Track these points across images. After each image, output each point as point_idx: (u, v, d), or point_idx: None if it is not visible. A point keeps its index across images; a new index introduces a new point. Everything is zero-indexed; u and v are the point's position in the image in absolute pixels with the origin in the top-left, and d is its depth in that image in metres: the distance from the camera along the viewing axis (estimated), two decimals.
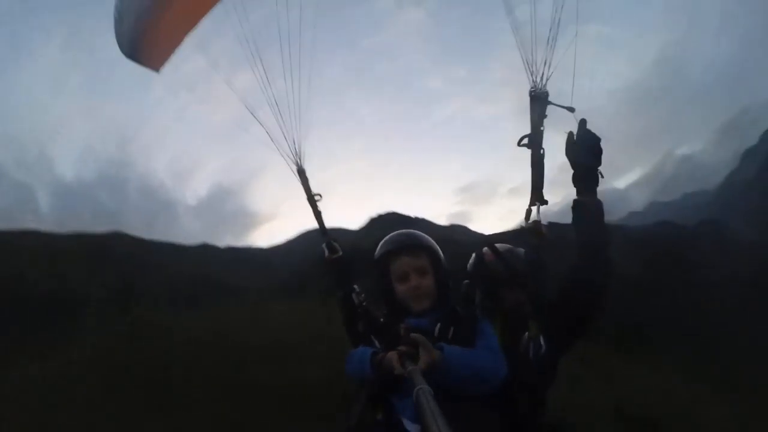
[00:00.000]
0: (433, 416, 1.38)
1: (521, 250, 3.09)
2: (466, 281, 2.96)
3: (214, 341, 12.40)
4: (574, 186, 2.86)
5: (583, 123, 2.83)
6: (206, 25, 3.97)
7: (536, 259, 2.94)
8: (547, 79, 2.90)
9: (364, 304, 3.04)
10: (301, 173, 3.47)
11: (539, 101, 2.89)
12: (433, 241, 2.93)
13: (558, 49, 2.86)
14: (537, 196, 2.87)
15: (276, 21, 3.43)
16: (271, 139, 3.44)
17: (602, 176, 2.82)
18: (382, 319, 2.83)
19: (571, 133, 2.86)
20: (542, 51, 2.88)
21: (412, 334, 2.24)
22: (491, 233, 3.16)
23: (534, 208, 2.89)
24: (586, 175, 2.83)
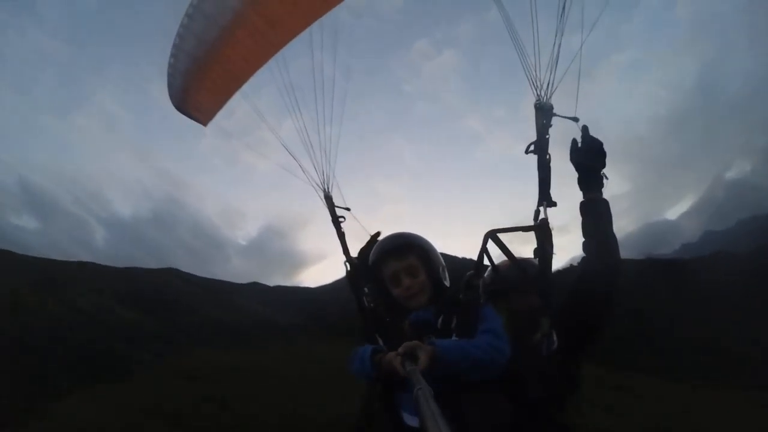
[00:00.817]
0: (433, 417, 1.39)
1: (532, 260, 3.18)
2: (470, 272, 3.02)
3: (264, 378, 12.53)
4: (580, 189, 3.00)
5: (585, 129, 3.02)
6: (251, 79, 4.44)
7: (547, 261, 3.03)
8: (552, 93, 3.14)
9: (371, 305, 3.12)
10: (328, 199, 3.94)
11: (543, 112, 3.12)
12: (420, 239, 3.04)
13: (561, 65, 3.13)
14: (545, 197, 3.05)
15: (307, 75, 4.02)
16: (303, 171, 4.00)
17: (606, 178, 2.99)
18: (387, 319, 2.91)
19: (575, 140, 3.04)
20: (546, 67, 3.14)
21: (405, 343, 2.26)
22: (498, 227, 3.16)
23: (542, 209, 3.06)
24: (591, 177, 2.98)
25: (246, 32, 4.13)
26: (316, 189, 4.03)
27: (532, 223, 3.12)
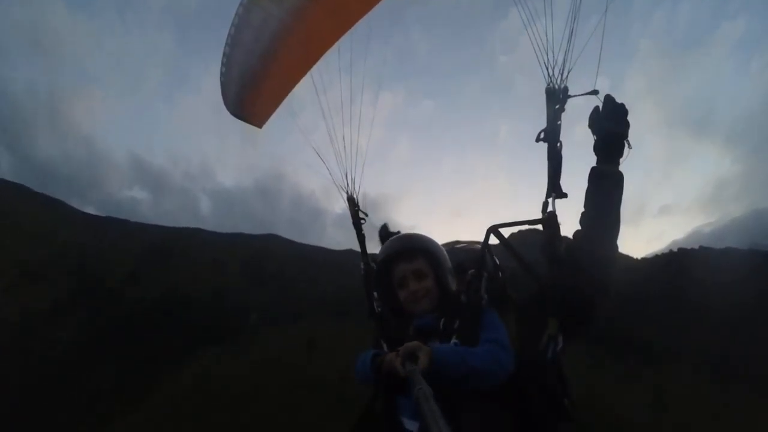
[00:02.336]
0: (433, 417, 1.37)
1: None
2: (471, 270, 2.90)
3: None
4: (597, 155, 2.76)
5: (609, 96, 2.78)
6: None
7: (551, 252, 2.83)
8: (567, 75, 2.90)
9: (378, 310, 3.08)
10: (351, 200, 3.99)
11: (555, 97, 2.88)
12: (430, 242, 2.93)
13: (575, 47, 2.86)
14: (554, 188, 2.83)
15: (337, 83, 4.12)
16: (329, 172, 4.09)
17: (630, 146, 2.74)
18: (393, 324, 2.87)
19: (596, 107, 2.79)
20: (559, 49, 2.89)
21: (406, 344, 2.24)
22: (500, 222, 3.00)
23: (550, 200, 2.84)
24: (612, 142, 2.73)
25: (293, 40, 4.26)
26: (339, 190, 4.09)
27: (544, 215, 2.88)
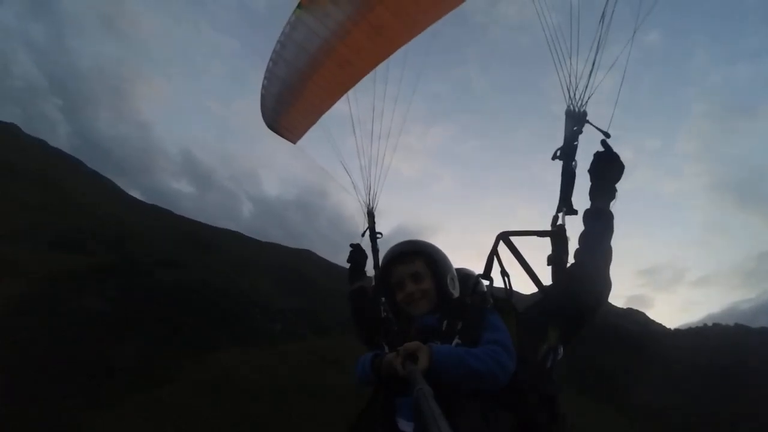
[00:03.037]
0: (432, 416, 1.36)
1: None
2: (478, 274, 3.09)
3: None
4: (590, 198, 2.90)
5: (605, 142, 2.93)
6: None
7: (558, 262, 2.96)
8: (586, 101, 3.06)
9: (384, 315, 3.20)
10: (370, 215, 4.28)
11: (574, 119, 3.05)
12: (430, 246, 3.02)
13: (598, 74, 3.03)
14: (565, 204, 2.99)
15: (368, 101, 4.48)
16: (354, 187, 4.38)
17: (617, 192, 2.88)
18: (395, 328, 2.91)
19: (595, 153, 2.94)
20: (581, 74, 3.07)
21: (406, 344, 2.29)
22: (510, 230, 3.18)
23: (560, 215, 3.00)
24: (604, 186, 2.87)
25: (334, 61, 4.44)
26: (361, 204, 4.35)
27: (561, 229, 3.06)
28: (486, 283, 3.20)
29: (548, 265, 3.01)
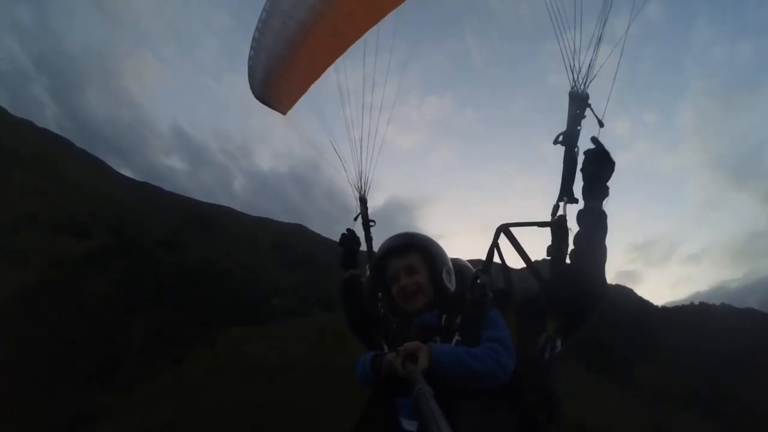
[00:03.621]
0: (432, 416, 1.36)
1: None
2: (478, 268, 2.99)
3: None
4: (583, 197, 2.85)
5: (594, 139, 2.86)
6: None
7: (558, 254, 2.91)
8: (589, 82, 2.98)
9: (382, 311, 3.08)
10: (363, 201, 4.11)
11: (578, 101, 2.96)
12: (425, 238, 2.96)
13: (600, 53, 2.97)
14: (566, 192, 2.92)
15: (359, 78, 4.25)
16: (345, 171, 4.19)
17: (609, 190, 2.86)
18: (394, 326, 2.84)
19: (585, 152, 2.88)
20: (585, 53, 2.98)
21: (406, 344, 2.25)
22: (511, 221, 3.07)
23: (561, 204, 2.92)
24: (596, 185, 2.83)
25: (322, 28, 4.30)
26: (352, 189, 4.22)
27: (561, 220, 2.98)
28: (486, 277, 3.04)
29: (548, 256, 2.96)
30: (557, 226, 2.90)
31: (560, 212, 2.91)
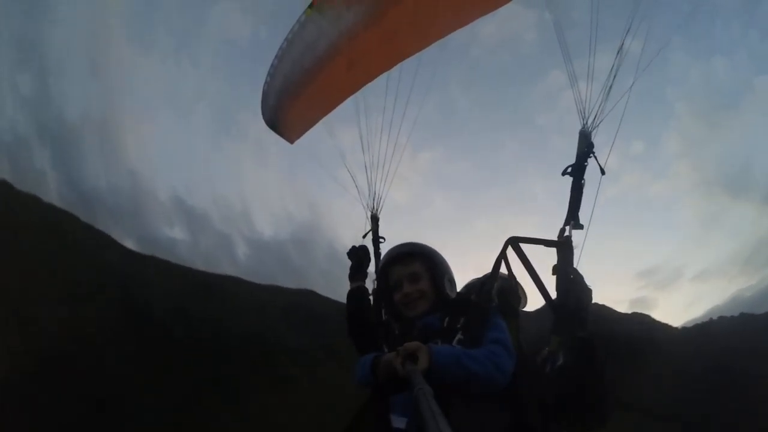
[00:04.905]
0: (432, 416, 1.35)
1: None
2: (485, 274, 3.16)
3: None
4: (564, 331, 2.99)
5: (574, 273, 3.08)
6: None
7: (564, 271, 3.05)
8: (598, 123, 3.25)
9: (385, 318, 3.25)
10: (374, 219, 4.29)
11: (586, 140, 3.24)
12: (427, 247, 3.06)
13: (610, 99, 3.28)
14: (573, 218, 3.15)
15: (379, 106, 4.33)
16: (358, 191, 4.39)
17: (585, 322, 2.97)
18: (396, 332, 2.91)
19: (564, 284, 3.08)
20: (595, 97, 3.29)
21: (406, 344, 2.30)
22: (519, 236, 3.20)
23: (568, 228, 3.15)
24: (580, 319, 2.95)
25: (340, 62, 4.39)
26: (365, 208, 4.36)
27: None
28: (492, 283, 3.22)
29: (553, 274, 3.09)
30: (563, 245, 3.09)
31: (566, 234, 3.12)
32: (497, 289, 3.22)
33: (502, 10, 3.91)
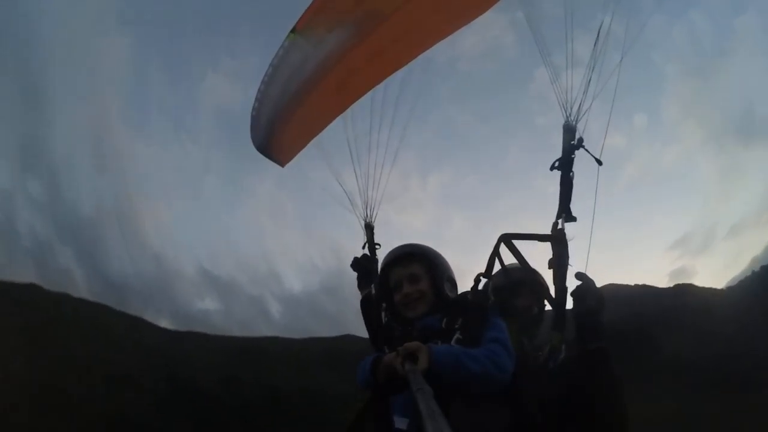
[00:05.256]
0: (432, 416, 1.35)
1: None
2: (480, 273, 3.18)
3: None
4: (580, 341, 2.92)
5: (580, 276, 2.96)
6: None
7: (558, 266, 3.08)
8: (581, 116, 3.26)
9: (385, 320, 3.23)
10: (369, 227, 4.29)
11: (571, 133, 3.26)
12: (427, 248, 3.06)
13: (590, 94, 3.26)
14: (564, 211, 3.16)
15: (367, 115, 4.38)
16: (350, 202, 4.41)
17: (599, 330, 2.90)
18: (397, 333, 2.89)
19: (576, 294, 2.98)
20: (577, 90, 3.27)
21: (406, 344, 2.27)
22: (511, 232, 3.24)
23: (560, 221, 3.15)
24: (591, 326, 2.89)
25: (328, 84, 4.43)
26: (358, 217, 4.39)
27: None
28: (487, 282, 3.29)
29: (549, 268, 3.12)
30: (557, 239, 3.10)
31: (559, 226, 3.14)
32: (493, 287, 3.33)
33: (478, 19, 3.97)
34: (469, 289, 3.17)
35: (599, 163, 3.21)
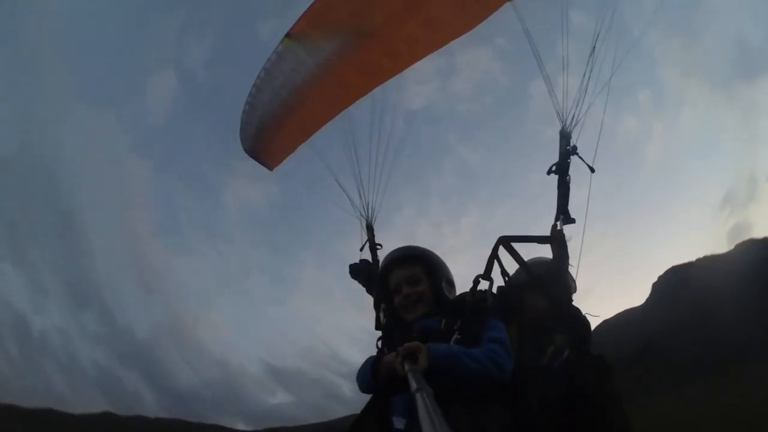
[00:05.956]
0: (432, 416, 1.33)
1: (543, 258, 3.34)
2: (478, 275, 3.08)
3: None
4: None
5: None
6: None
7: (560, 266, 3.12)
8: (575, 124, 3.33)
9: (384, 321, 3.14)
10: (369, 228, 4.32)
11: (567, 139, 3.33)
12: (426, 251, 3.03)
13: (585, 102, 3.36)
14: (562, 213, 3.19)
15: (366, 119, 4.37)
16: (350, 202, 4.42)
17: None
18: (396, 334, 2.84)
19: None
20: (572, 99, 3.37)
21: (405, 344, 2.25)
22: (510, 235, 3.21)
23: (559, 223, 3.19)
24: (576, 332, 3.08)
25: (318, 91, 4.44)
26: (359, 219, 4.36)
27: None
28: (486, 283, 3.19)
29: (549, 270, 3.16)
30: (557, 240, 3.14)
31: (558, 227, 3.18)
32: (491, 289, 3.24)
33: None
34: (468, 291, 3.08)
35: (592, 170, 3.26)
